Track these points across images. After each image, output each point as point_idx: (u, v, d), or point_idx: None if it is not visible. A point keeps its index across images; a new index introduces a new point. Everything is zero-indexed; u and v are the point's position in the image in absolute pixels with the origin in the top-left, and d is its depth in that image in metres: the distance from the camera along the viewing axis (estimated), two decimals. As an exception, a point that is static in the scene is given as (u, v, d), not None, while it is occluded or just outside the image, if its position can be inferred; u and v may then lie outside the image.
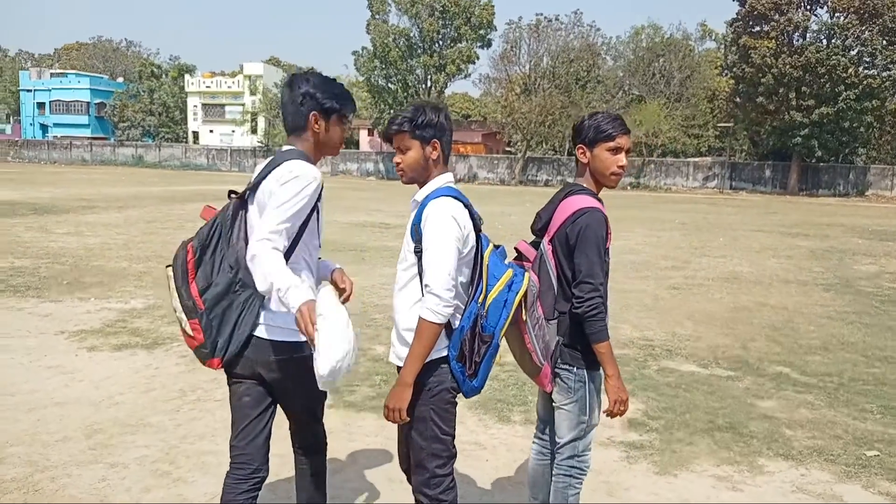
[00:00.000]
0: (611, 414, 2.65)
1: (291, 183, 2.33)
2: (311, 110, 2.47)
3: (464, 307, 2.37)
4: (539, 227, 2.72)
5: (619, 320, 7.24)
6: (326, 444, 2.76)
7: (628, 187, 49.15)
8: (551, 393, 2.69)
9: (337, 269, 2.71)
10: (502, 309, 2.37)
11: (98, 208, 18.43)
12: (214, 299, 2.41)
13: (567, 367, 2.63)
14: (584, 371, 2.64)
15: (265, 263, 2.21)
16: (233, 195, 2.48)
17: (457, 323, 2.36)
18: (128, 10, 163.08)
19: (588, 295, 2.52)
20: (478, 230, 2.42)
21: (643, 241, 15.14)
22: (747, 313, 7.83)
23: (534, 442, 2.94)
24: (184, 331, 2.47)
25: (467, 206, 2.39)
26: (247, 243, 2.35)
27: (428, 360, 2.34)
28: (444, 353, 2.37)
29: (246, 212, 2.45)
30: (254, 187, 2.43)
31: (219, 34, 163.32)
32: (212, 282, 2.41)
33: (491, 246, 2.45)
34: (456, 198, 2.38)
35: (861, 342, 6.63)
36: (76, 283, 8.38)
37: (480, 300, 2.37)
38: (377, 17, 51.91)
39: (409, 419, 2.37)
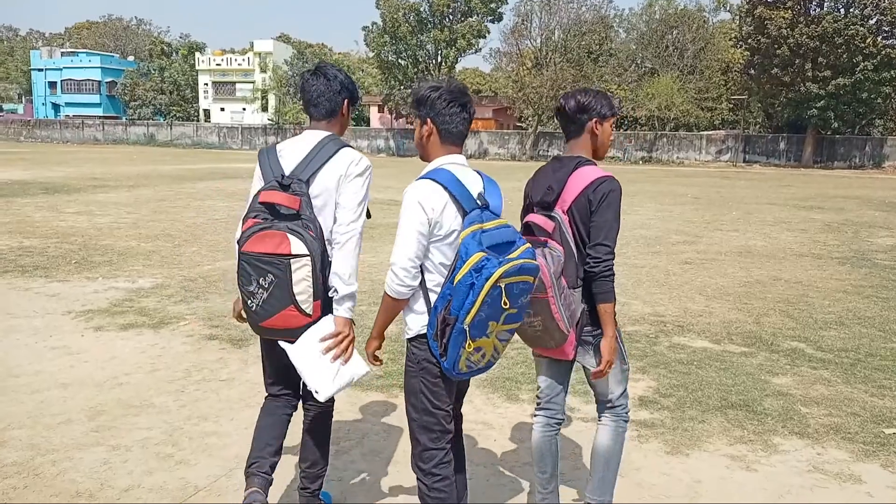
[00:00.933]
0: (600, 374, 2.72)
1: (364, 177, 2.63)
2: (344, 98, 2.73)
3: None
4: (553, 199, 2.69)
5: (630, 296, 7.14)
6: (333, 399, 2.82)
7: (640, 161, 48.70)
8: (573, 360, 2.77)
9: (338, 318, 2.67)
10: (468, 292, 2.28)
11: (108, 187, 18.44)
12: (324, 283, 2.58)
13: (596, 327, 2.72)
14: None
15: (349, 255, 2.58)
16: (291, 186, 2.55)
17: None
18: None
19: (605, 256, 2.62)
20: (477, 208, 2.39)
21: (655, 215, 14.96)
22: (760, 288, 7.69)
23: (536, 415, 2.93)
24: (299, 311, 2.53)
25: (451, 190, 2.38)
26: (320, 225, 2.57)
27: (417, 333, 2.47)
28: (426, 331, 2.43)
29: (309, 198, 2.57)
30: (311, 175, 2.56)
31: (229, 12, 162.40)
32: (325, 268, 2.58)
33: (472, 227, 2.33)
34: (435, 180, 2.39)
35: (878, 316, 6.50)
36: (84, 262, 8.36)
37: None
38: (386, -9, 51.28)
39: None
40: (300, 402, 2.91)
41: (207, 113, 70.46)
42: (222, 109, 69.84)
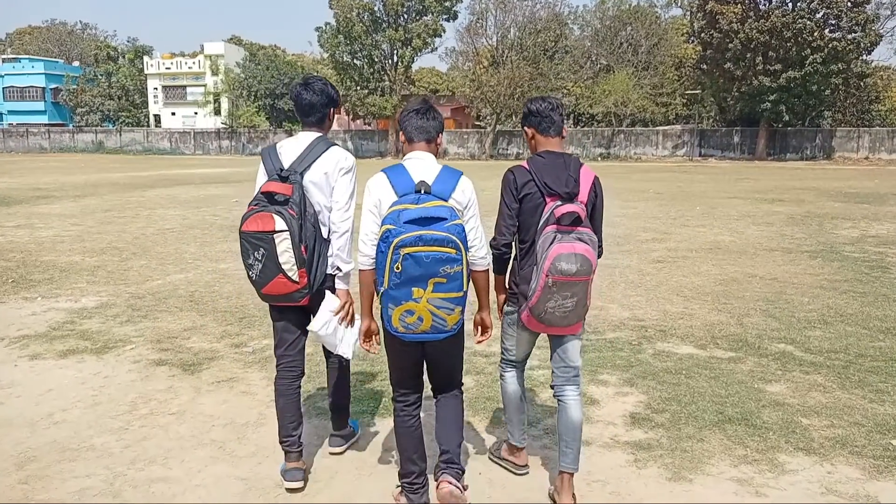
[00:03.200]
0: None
1: (351, 172, 3.28)
2: (330, 105, 3.35)
3: None
4: (577, 192, 3.05)
5: (607, 299, 6.85)
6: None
7: (598, 158, 48.96)
8: (578, 334, 3.22)
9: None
10: (380, 258, 2.74)
11: (53, 198, 17.57)
12: (311, 252, 3.13)
13: None
14: None
15: (346, 240, 3.22)
16: (288, 177, 3.13)
17: None
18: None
19: (602, 243, 3.17)
20: (416, 191, 2.82)
21: (620, 212, 14.80)
22: (737, 286, 7.49)
23: (509, 371, 3.41)
24: (287, 278, 3.08)
25: (391, 178, 2.91)
26: (313, 210, 3.18)
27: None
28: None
29: (302, 186, 3.15)
30: (305, 168, 3.17)
31: (178, 14, 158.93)
32: (307, 241, 3.10)
33: (397, 206, 2.76)
34: (383, 171, 2.98)
35: (859, 313, 6.33)
36: (23, 280, 7.75)
37: None
38: (339, -9, 50.54)
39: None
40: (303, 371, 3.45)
41: (158, 118, 68.67)
42: (173, 114, 68.16)
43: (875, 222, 13.03)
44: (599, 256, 3.06)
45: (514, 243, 3.18)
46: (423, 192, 2.81)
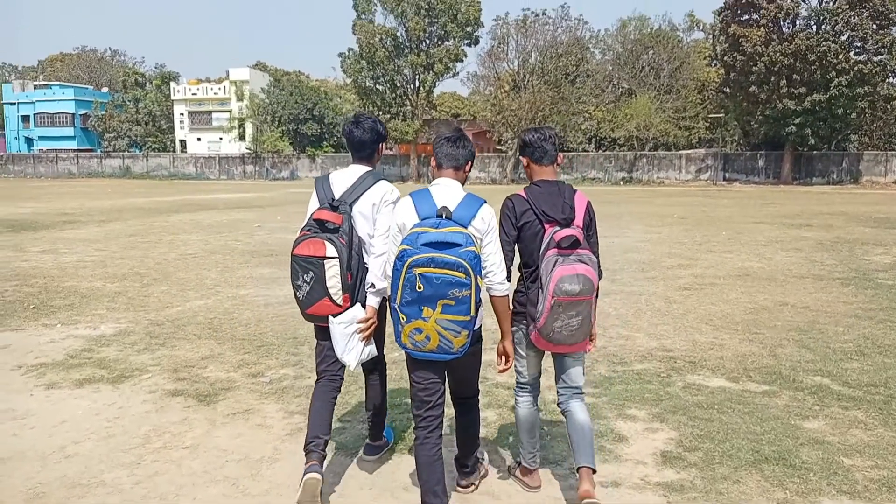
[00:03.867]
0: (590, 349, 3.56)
1: (395, 205, 3.35)
2: (379, 141, 3.58)
3: None
4: (573, 217, 3.27)
5: (633, 328, 6.66)
6: (385, 364, 3.90)
7: (621, 182, 48.70)
8: (583, 351, 3.43)
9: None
10: (395, 276, 2.89)
11: (79, 223, 17.76)
12: (355, 279, 3.33)
13: None
14: None
15: (382, 261, 3.30)
16: (339, 207, 3.37)
17: None
18: (113, 19, 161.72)
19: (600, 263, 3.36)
20: (437, 215, 2.97)
21: (644, 237, 14.59)
22: (768, 314, 7.26)
23: (523, 395, 3.54)
24: (332, 301, 3.30)
25: (416, 202, 3.08)
26: (359, 239, 3.39)
27: None
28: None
29: (351, 217, 3.39)
30: (354, 200, 3.41)
31: (205, 41, 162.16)
32: (352, 269, 3.30)
33: (417, 229, 2.91)
34: (409, 195, 3.16)
35: (898, 344, 6.07)
36: (43, 307, 7.75)
37: None
38: (363, 17, 51.25)
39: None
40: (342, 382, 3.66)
41: (184, 143, 69.68)
42: (199, 139, 69.12)
43: (908, 248, 12.68)
44: (600, 277, 3.28)
45: (515, 268, 3.42)
46: (444, 217, 2.96)
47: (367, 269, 3.39)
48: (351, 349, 3.35)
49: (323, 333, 3.50)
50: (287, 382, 5.08)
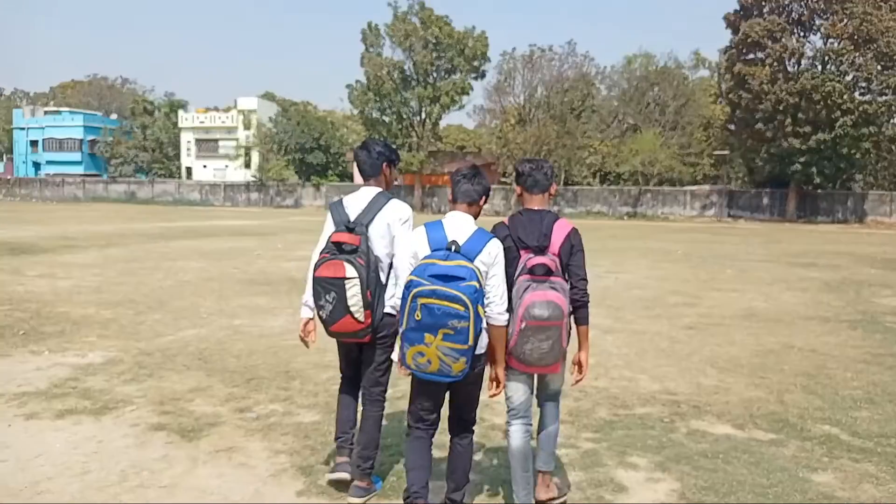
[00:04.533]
0: (581, 380, 3.61)
1: (409, 222, 3.67)
2: (383, 163, 3.75)
3: None
4: (547, 244, 3.39)
5: (636, 369, 6.47)
6: (385, 400, 3.90)
7: (625, 217, 48.66)
8: (558, 372, 3.52)
9: None
10: (402, 303, 3.11)
11: (78, 248, 17.68)
12: (374, 296, 3.50)
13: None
14: None
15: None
16: (355, 228, 3.55)
17: None
18: (125, 48, 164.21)
19: (586, 289, 3.46)
20: (447, 248, 3.19)
21: (648, 273, 14.43)
22: (775, 358, 7.06)
23: (514, 424, 3.51)
24: (354, 318, 3.46)
25: (429, 233, 3.30)
26: (376, 258, 3.56)
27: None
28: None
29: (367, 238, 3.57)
30: (369, 221, 3.59)
31: (215, 71, 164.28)
32: (371, 286, 3.47)
33: (427, 260, 3.14)
34: (424, 225, 3.37)
35: (909, 391, 5.87)
36: (33, 332, 7.59)
37: None
38: (371, 49, 51.77)
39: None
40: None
41: (189, 170, 70.11)
42: (204, 166, 69.55)
43: (916, 290, 12.48)
44: (585, 302, 3.45)
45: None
46: (453, 249, 3.17)
47: (383, 287, 3.61)
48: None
49: (344, 345, 3.81)
50: (275, 419, 4.90)
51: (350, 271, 3.43)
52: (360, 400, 3.83)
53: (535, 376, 3.52)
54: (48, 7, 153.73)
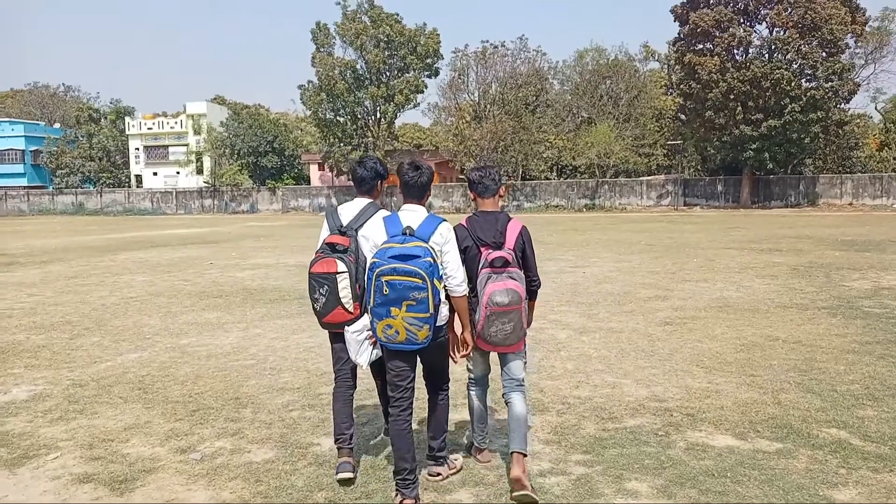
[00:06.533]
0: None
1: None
2: (377, 178, 4.17)
3: None
4: (503, 241, 3.86)
5: (619, 373, 6.02)
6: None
7: (584, 209, 48.71)
8: (520, 350, 3.99)
9: None
10: (368, 283, 3.57)
11: (16, 265, 16.60)
12: (363, 290, 3.78)
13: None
14: None
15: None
16: (346, 232, 3.95)
17: None
18: (67, 55, 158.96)
19: (538, 277, 4.07)
20: (402, 233, 3.63)
21: (614, 266, 14.09)
22: (760, 352, 6.69)
23: (474, 389, 4.20)
24: (344, 309, 3.83)
25: (386, 223, 3.77)
26: (364, 258, 3.85)
27: None
28: None
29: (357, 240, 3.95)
30: (359, 226, 3.95)
31: (161, 76, 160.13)
32: (360, 281, 3.82)
33: (385, 245, 3.58)
34: (383, 219, 3.85)
35: (907, 384, 5.53)
36: (-48, 366, 6.79)
37: None
38: (322, 49, 50.81)
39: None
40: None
41: (139, 178, 68.02)
42: (155, 174, 67.57)
43: (884, 272, 12.37)
44: (537, 287, 4.07)
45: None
46: (408, 234, 3.61)
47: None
48: (363, 352, 3.84)
49: (336, 338, 4.06)
50: (222, 459, 4.28)
51: (341, 266, 3.82)
52: (353, 399, 4.17)
53: (500, 365, 4.01)
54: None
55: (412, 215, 3.75)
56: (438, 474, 3.92)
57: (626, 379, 5.85)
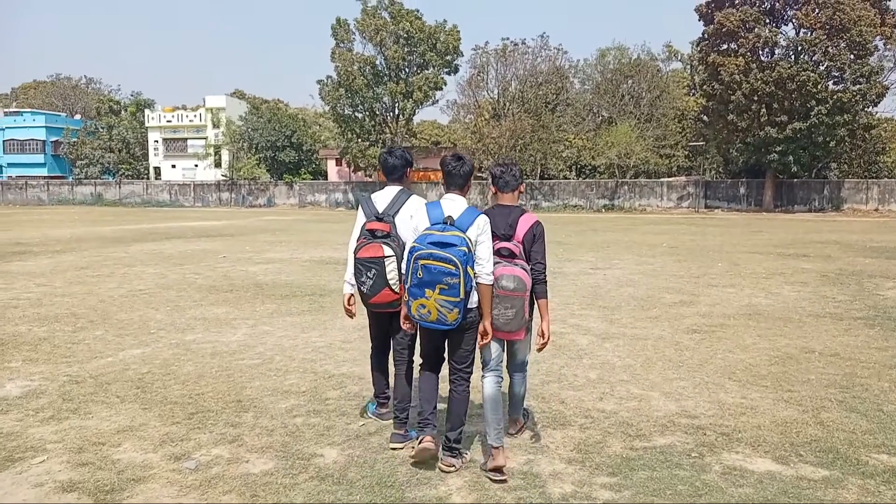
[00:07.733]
0: (544, 346, 4.19)
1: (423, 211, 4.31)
2: (405, 168, 4.55)
3: None
4: (513, 234, 4.15)
5: (645, 385, 5.64)
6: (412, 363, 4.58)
7: (603, 209, 48.13)
8: (522, 339, 4.28)
9: None
10: (406, 264, 3.90)
11: (30, 254, 16.47)
12: (403, 270, 4.07)
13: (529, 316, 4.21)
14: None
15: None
16: (383, 218, 4.32)
17: None
18: (90, 48, 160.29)
19: (544, 270, 4.18)
20: (443, 222, 3.89)
21: (636, 269, 13.66)
22: (796, 365, 6.28)
23: (487, 376, 4.09)
24: (391, 290, 4.19)
25: (429, 210, 4.03)
26: (403, 242, 4.21)
27: None
28: None
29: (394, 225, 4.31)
30: (395, 212, 4.32)
31: (183, 69, 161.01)
32: (401, 262, 4.15)
33: (426, 231, 3.87)
34: (426, 206, 4.13)
35: (959, 404, 5.10)
36: (-51, 358, 6.55)
37: None
38: (341, 45, 50.60)
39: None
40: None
41: (158, 170, 68.37)
42: (173, 166, 67.86)
43: (919, 281, 11.85)
44: (543, 280, 4.13)
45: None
46: (448, 223, 3.84)
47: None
48: None
49: (374, 315, 4.52)
50: (217, 469, 3.96)
51: (388, 251, 4.14)
52: (388, 362, 4.64)
53: (505, 344, 4.20)
54: (9, 8, 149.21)
55: (453, 205, 3.98)
56: (452, 466, 3.94)
57: (653, 391, 5.47)
